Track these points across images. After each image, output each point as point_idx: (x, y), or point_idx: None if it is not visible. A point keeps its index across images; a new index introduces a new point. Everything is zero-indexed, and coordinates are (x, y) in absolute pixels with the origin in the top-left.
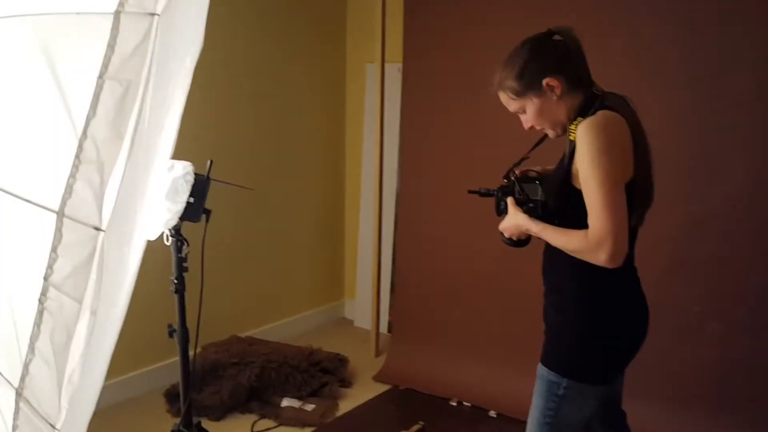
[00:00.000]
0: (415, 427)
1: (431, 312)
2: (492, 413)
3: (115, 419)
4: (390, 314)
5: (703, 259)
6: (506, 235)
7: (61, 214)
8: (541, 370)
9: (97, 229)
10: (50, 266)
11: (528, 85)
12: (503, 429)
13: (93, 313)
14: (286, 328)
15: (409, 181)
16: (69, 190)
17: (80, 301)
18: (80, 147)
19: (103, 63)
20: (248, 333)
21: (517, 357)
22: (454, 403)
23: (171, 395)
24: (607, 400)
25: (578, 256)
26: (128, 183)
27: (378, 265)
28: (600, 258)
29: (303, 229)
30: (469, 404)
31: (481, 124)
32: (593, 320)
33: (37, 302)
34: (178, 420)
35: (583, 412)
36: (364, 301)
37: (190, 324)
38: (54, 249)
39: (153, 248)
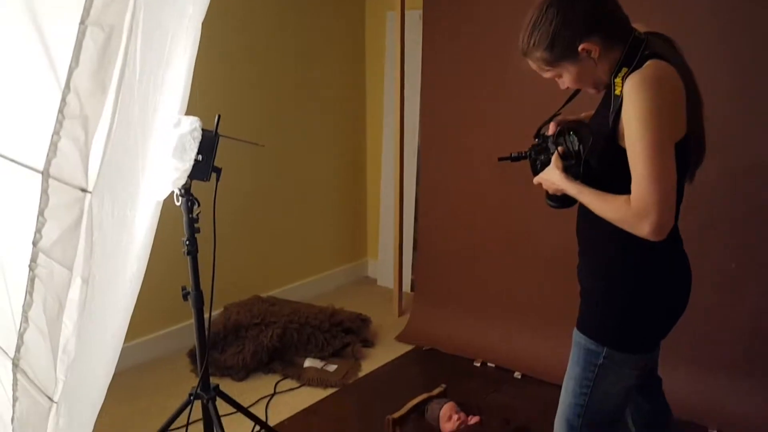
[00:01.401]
0: (437, 390)
1: (455, 271)
2: (516, 374)
3: (140, 379)
4: (413, 273)
5: (740, 216)
6: (543, 186)
7: (46, 174)
8: (577, 337)
9: (84, 190)
10: (38, 231)
11: (561, 54)
12: (528, 390)
13: (85, 281)
14: (308, 288)
15: (431, 135)
16: (53, 149)
17: (70, 268)
18: (63, 101)
19: (85, 7)
20: (270, 293)
21: (543, 317)
22: (478, 364)
23: (194, 355)
24: (646, 368)
25: (618, 225)
26: (120, 141)
27: (400, 223)
28: (642, 230)
29: (323, 188)
30: (493, 365)
31: (505, 72)
32: (636, 287)
33: (27, 269)
34: None
35: (623, 382)
36: (387, 260)
37: (206, 286)
38: (41, 212)
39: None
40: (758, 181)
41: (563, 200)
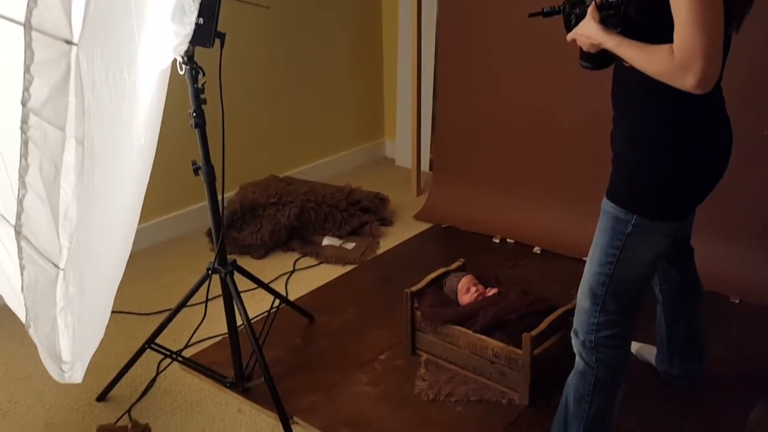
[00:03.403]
0: (455, 264)
1: (473, 148)
2: (536, 249)
3: (160, 257)
4: (431, 152)
5: None
6: (578, 42)
7: (28, 25)
8: (606, 205)
9: (69, 42)
10: (26, 89)
11: None
12: (547, 264)
13: (79, 142)
14: (324, 168)
15: (449, 7)
16: None
17: (62, 129)
18: None
19: None
20: (286, 173)
21: (564, 192)
22: (497, 241)
23: (212, 234)
24: (676, 236)
25: (660, 79)
26: None
27: (418, 102)
28: (687, 83)
29: (338, 66)
30: (512, 241)
31: None
32: (672, 153)
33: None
34: None
35: (652, 251)
36: (405, 139)
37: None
38: (27, 69)
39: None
40: None
41: (599, 60)
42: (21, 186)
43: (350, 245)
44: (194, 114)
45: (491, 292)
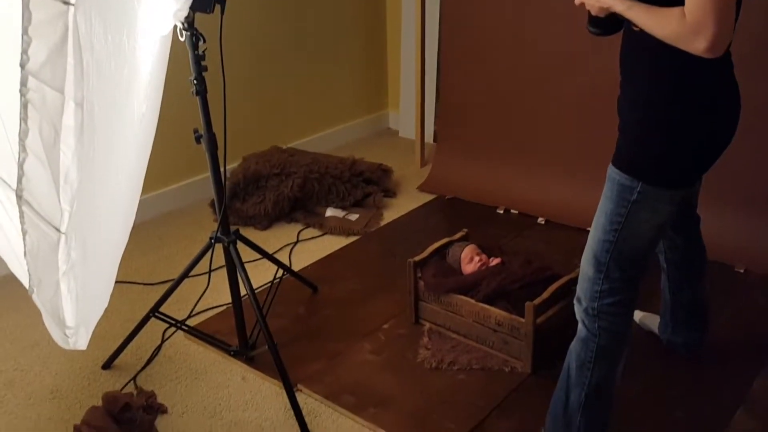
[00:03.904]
0: (459, 234)
1: (478, 119)
2: (540, 220)
3: (163, 228)
4: (435, 123)
5: None
6: (586, 6)
7: None
8: (612, 172)
9: (66, 2)
10: (25, 51)
11: None
12: (552, 234)
13: (79, 105)
14: (327, 140)
15: None
16: None
17: (61, 91)
18: None
19: None
20: (289, 145)
21: (567, 163)
22: (501, 211)
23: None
24: (682, 204)
25: (671, 43)
26: None
27: (422, 72)
28: (698, 46)
29: (342, 35)
30: (516, 212)
31: None
32: (678, 117)
33: (19, 95)
34: None
35: (657, 218)
36: (409, 111)
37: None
38: (25, 31)
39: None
40: None
41: (607, 25)
42: (21, 150)
43: (353, 216)
44: (195, 81)
45: (494, 261)
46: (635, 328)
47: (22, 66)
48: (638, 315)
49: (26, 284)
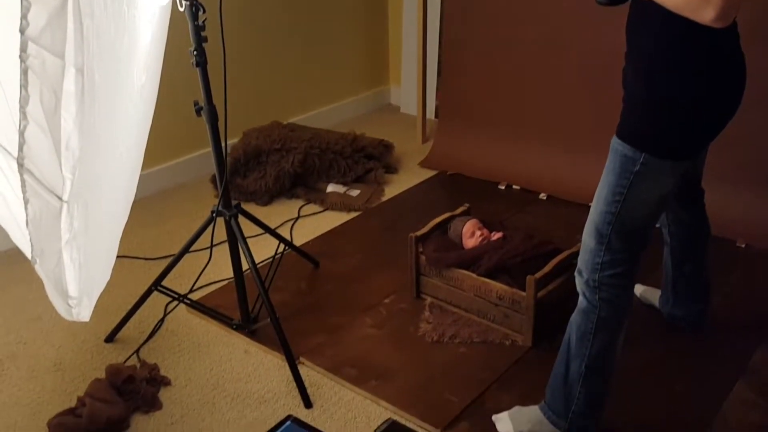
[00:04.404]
0: (460, 209)
1: (479, 95)
2: (542, 196)
3: (164, 204)
4: (437, 99)
5: None
6: None
7: None
8: (615, 143)
9: None
10: (24, 17)
11: None
12: (553, 210)
13: (79, 70)
14: (328, 115)
15: None
16: None
17: (62, 56)
18: None
19: None
20: (290, 120)
21: (570, 139)
22: (503, 187)
23: (216, 180)
24: (686, 176)
25: (679, 12)
26: None
27: (423, 47)
28: (706, 16)
29: (342, 8)
30: (518, 187)
31: None
32: (683, 88)
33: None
34: None
35: (659, 190)
36: (410, 86)
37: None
38: None
39: None
40: None
41: None
42: (22, 117)
43: (355, 192)
44: (195, 52)
45: (496, 236)
46: (636, 302)
47: (22, 31)
48: (639, 289)
49: (28, 254)
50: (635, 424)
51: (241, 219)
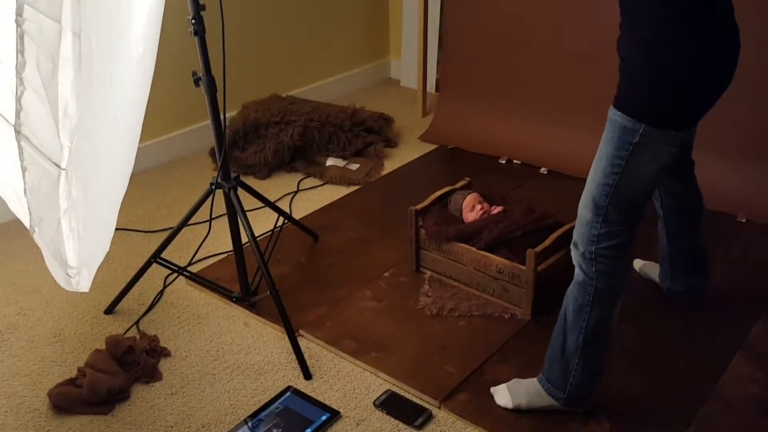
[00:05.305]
0: (461, 183)
1: (480, 69)
2: (543, 170)
3: (163, 177)
4: (438, 72)
5: None
6: None
7: None
8: (613, 114)
9: None
10: None
11: None
12: (554, 184)
13: (76, 35)
14: (327, 89)
15: None
16: None
17: (58, 20)
18: None
19: None
20: (289, 93)
21: (570, 113)
22: (503, 161)
23: (215, 153)
24: (681, 147)
25: None
26: None
27: (424, 19)
28: None
29: None
30: (518, 162)
31: None
32: (680, 56)
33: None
34: None
35: (658, 161)
36: (411, 59)
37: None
38: None
39: None
40: None
41: None
42: (18, 83)
43: (354, 166)
44: (193, 21)
45: (496, 210)
46: (636, 276)
47: None
48: (638, 263)
49: (27, 224)
50: (634, 396)
51: (241, 192)
